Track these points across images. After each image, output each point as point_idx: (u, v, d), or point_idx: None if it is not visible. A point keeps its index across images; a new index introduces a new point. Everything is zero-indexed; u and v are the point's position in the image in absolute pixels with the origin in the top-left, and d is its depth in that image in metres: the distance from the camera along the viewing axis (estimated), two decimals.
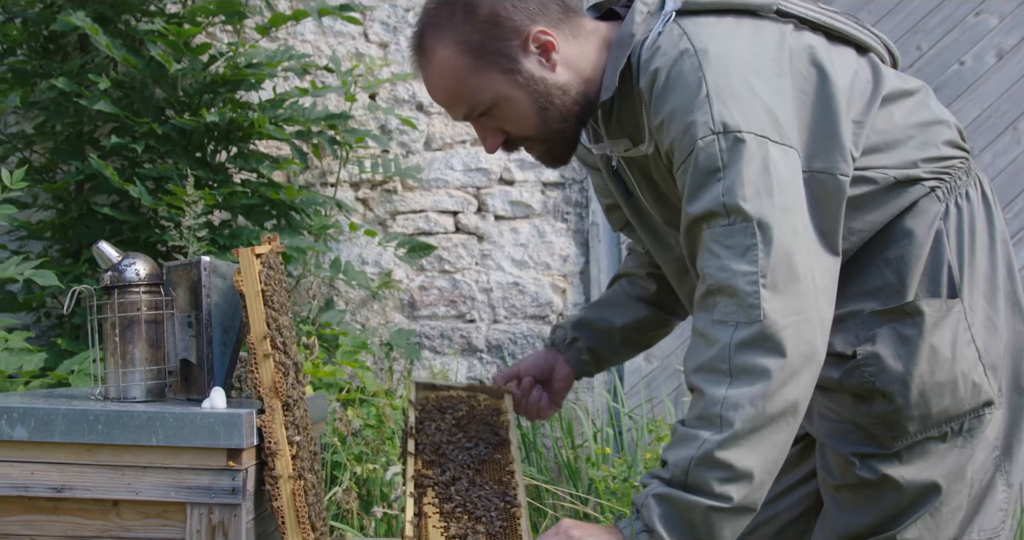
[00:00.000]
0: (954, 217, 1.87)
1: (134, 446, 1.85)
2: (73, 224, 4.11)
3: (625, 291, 2.32)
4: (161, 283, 2.09)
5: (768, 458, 1.68)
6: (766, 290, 1.67)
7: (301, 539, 1.91)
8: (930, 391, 1.81)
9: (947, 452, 1.84)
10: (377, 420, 3.70)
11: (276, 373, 1.90)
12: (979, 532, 1.87)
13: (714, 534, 1.68)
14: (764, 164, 1.70)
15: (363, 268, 4.35)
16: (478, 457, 2.09)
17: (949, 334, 1.83)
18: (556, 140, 1.93)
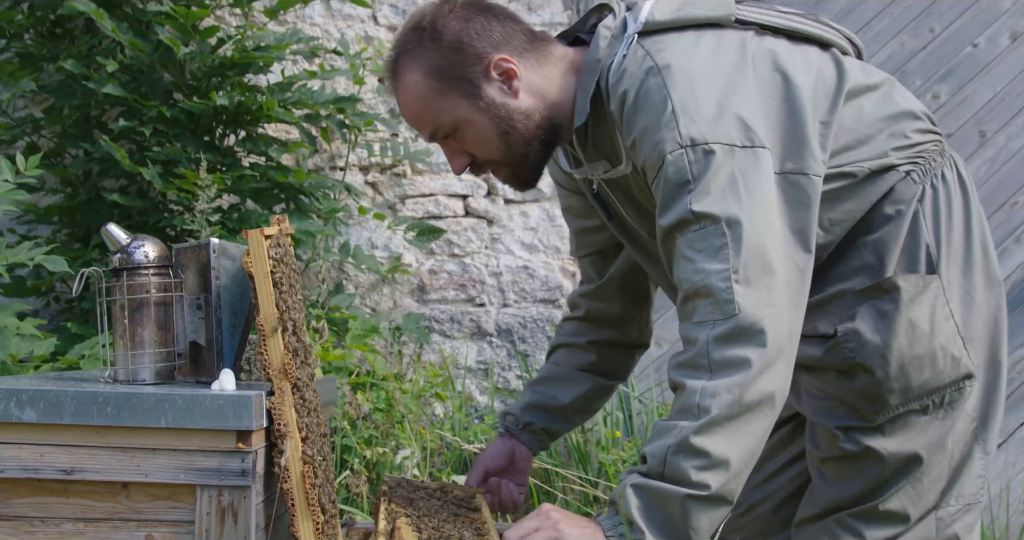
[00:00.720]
0: (930, 198, 1.92)
1: (143, 428, 1.85)
2: (81, 208, 4.10)
3: (567, 363, 2.38)
4: (170, 265, 2.09)
5: (745, 447, 1.70)
6: (739, 285, 1.70)
7: (311, 521, 1.90)
8: (909, 364, 1.86)
9: (928, 424, 1.88)
10: (387, 404, 3.69)
11: (285, 354, 1.90)
12: (957, 499, 1.91)
13: (691, 525, 1.69)
14: (731, 171, 1.75)
15: (372, 252, 4.33)
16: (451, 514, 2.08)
17: (927, 309, 1.87)
18: (520, 164, 1.99)
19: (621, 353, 2.40)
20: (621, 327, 2.37)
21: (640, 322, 2.40)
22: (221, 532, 1.84)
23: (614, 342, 2.38)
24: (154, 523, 1.88)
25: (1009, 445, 4.22)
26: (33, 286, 4.12)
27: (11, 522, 1.90)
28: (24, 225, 4.31)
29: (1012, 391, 4.24)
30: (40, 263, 3.13)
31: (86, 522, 1.89)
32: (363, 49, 4.32)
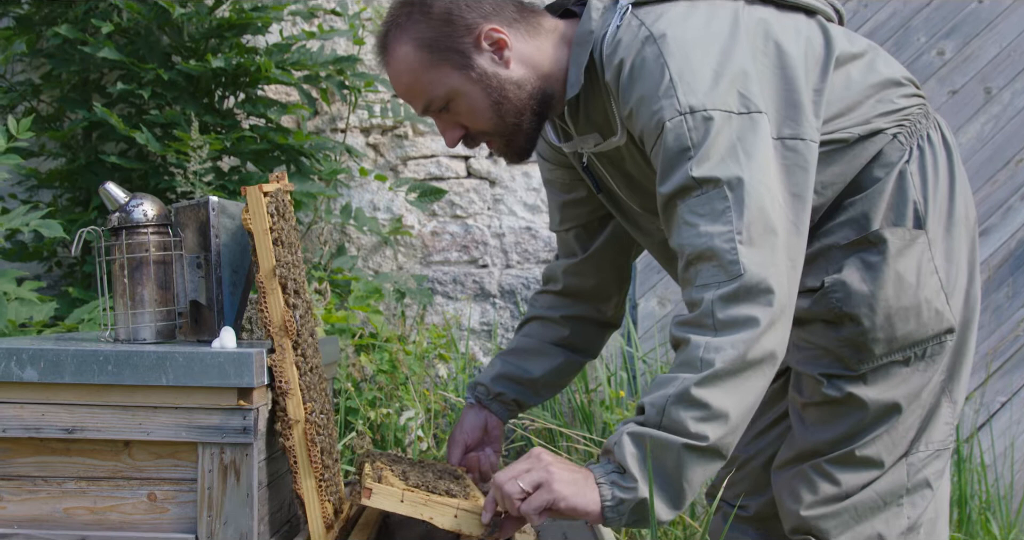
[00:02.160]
0: (917, 158, 1.95)
1: (144, 386, 1.84)
2: (81, 172, 4.08)
3: (540, 336, 2.39)
4: (169, 224, 2.07)
5: (744, 402, 1.71)
6: (743, 246, 1.71)
7: (313, 479, 1.90)
8: (895, 315, 1.89)
9: (910, 375, 1.93)
10: (390, 366, 3.69)
11: (286, 311, 1.88)
12: (927, 445, 1.96)
13: (685, 476, 1.69)
14: (730, 137, 1.76)
15: (374, 214, 4.31)
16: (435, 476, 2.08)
17: (914, 262, 1.91)
18: (513, 134, 2.00)
19: (594, 330, 2.41)
20: (597, 304, 2.38)
21: (617, 301, 2.41)
22: (223, 490, 1.84)
23: (588, 318, 2.39)
24: (156, 481, 1.88)
25: (1013, 404, 4.22)
26: (34, 251, 4.11)
27: (13, 481, 1.90)
28: (26, 191, 4.29)
29: (1018, 349, 4.23)
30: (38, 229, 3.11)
31: (88, 481, 1.89)
32: (362, 9, 4.28)
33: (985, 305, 4.16)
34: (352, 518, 2.13)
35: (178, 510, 1.87)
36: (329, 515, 1.92)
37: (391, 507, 1.81)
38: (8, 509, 1.90)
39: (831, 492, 1.94)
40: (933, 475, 1.97)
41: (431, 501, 1.82)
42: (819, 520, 1.94)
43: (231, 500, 1.84)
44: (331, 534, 1.92)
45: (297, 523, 2.15)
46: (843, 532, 1.94)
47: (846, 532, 1.94)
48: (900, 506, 1.95)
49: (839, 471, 1.94)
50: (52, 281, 4.31)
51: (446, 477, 2.10)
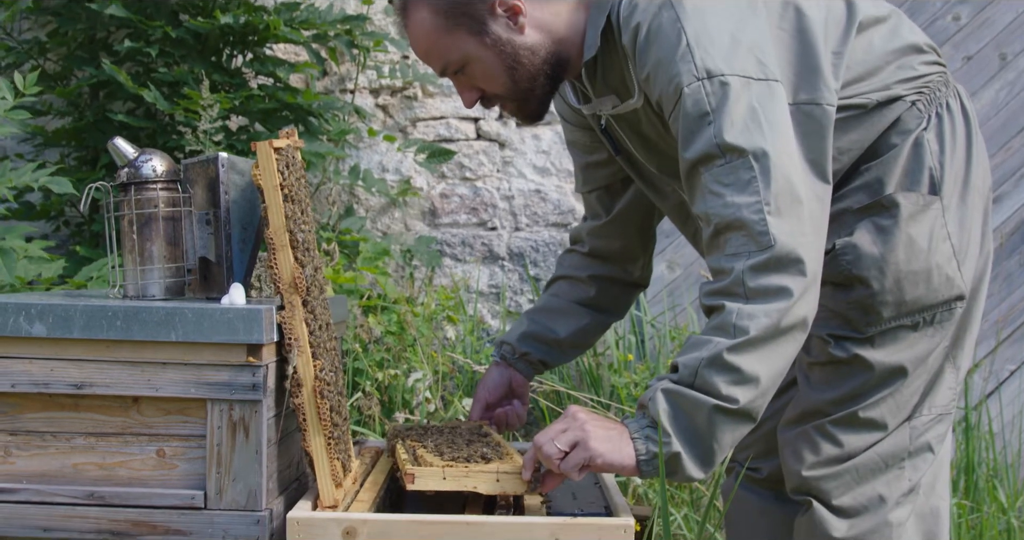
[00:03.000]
0: (935, 126, 1.95)
1: (153, 342, 1.83)
2: (89, 130, 4.06)
3: (567, 295, 2.40)
4: (178, 180, 2.05)
5: (775, 367, 1.74)
6: (772, 216, 1.72)
7: (322, 437, 1.89)
8: (905, 279, 1.90)
9: (917, 340, 1.93)
10: (398, 327, 3.68)
11: (296, 268, 1.87)
12: (930, 409, 1.98)
13: (716, 436, 1.73)
14: (750, 102, 1.77)
15: (383, 175, 4.29)
16: (465, 442, 2.11)
17: (926, 228, 1.91)
18: (525, 98, 2.02)
19: (621, 290, 2.42)
20: (624, 265, 2.39)
21: (643, 262, 2.42)
22: (232, 446, 1.83)
23: (615, 279, 2.39)
24: (165, 437, 1.87)
25: (1022, 372, 4.21)
26: (42, 209, 4.10)
27: (22, 437, 1.89)
28: (33, 149, 4.27)
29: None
30: (45, 185, 3.09)
31: (97, 437, 1.88)
32: None
33: (996, 273, 4.14)
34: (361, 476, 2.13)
35: (187, 466, 1.87)
36: (338, 473, 1.91)
37: (435, 486, 1.84)
38: (17, 464, 1.89)
39: (833, 453, 1.95)
40: (935, 439, 1.98)
41: (471, 471, 1.85)
42: (820, 480, 1.96)
43: (240, 457, 1.83)
44: (340, 491, 1.91)
45: (306, 481, 2.15)
46: (844, 493, 1.95)
47: (847, 493, 1.95)
48: (902, 469, 1.95)
49: (842, 432, 1.95)
50: (60, 240, 4.30)
51: (475, 439, 2.12)
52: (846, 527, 1.95)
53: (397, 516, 1.81)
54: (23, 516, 1.87)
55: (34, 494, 1.87)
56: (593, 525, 1.79)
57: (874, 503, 1.95)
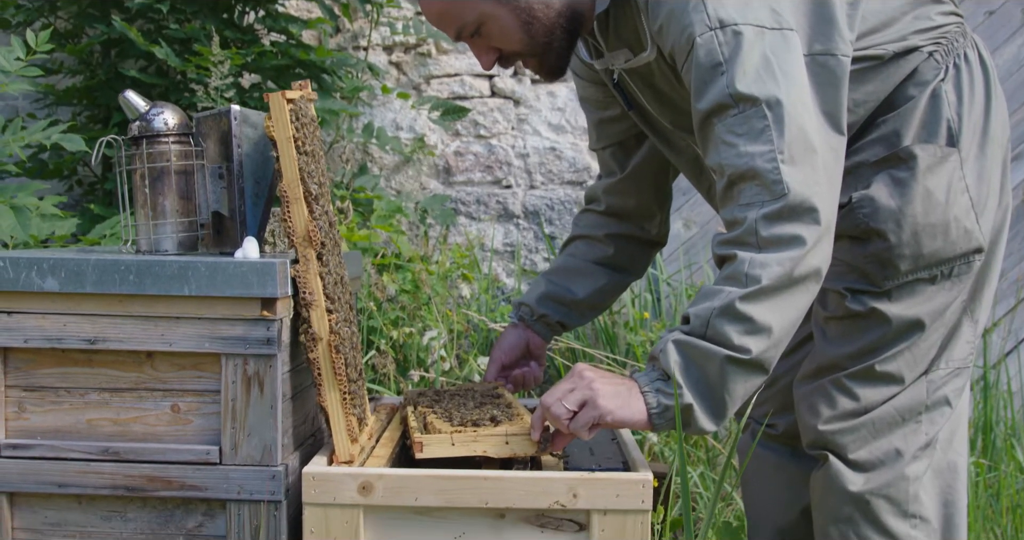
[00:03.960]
0: (953, 77, 1.92)
1: (166, 296, 1.82)
2: (100, 88, 4.04)
3: (584, 255, 2.38)
4: (191, 133, 2.03)
5: (788, 318, 1.72)
6: (785, 165, 1.70)
7: (338, 392, 1.87)
8: (922, 231, 1.87)
9: (935, 293, 1.91)
10: (413, 285, 3.66)
11: (310, 221, 1.85)
12: (947, 363, 1.96)
13: (727, 387, 1.71)
14: (764, 52, 1.74)
15: (397, 133, 4.26)
16: (477, 404, 2.11)
17: (944, 180, 1.88)
18: (544, 53, 1.98)
19: (638, 248, 2.39)
20: (640, 222, 2.36)
21: (660, 219, 2.39)
22: (247, 401, 1.82)
23: (632, 237, 2.37)
24: (179, 393, 1.86)
25: None
26: (55, 168, 4.08)
27: (36, 393, 1.88)
28: (44, 109, 4.25)
29: None
30: (58, 143, 3.07)
31: (111, 392, 1.87)
32: None
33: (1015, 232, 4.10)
34: (377, 432, 2.12)
35: (201, 422, 1.85)
36: (354, 428, 1.90)
37: (444, 453, 1.82)
38: (31, 420, 1.89)
39: (850, 407, 1.94)
40: (952, 393, 1.96)
41: (480, 435, 1.84)
42: (836, 435, 1.94)
43: (255, 412, 1.82)
44: (356, 447, 1.90)
45: (321, 437, 2.14)
46: (861, 447, 1.94)
47: (864, 447, 1.94)
48: (919, 423, 1.94)
49: (858, 386, 1.93)
50: (74, 200, 4.29)
51: (487, 401, 2.11)
52: (862, 481, 1.93)
53: (413, 471, 1.80)
54: (38, 472, 1.86)
55: (49, 450, 1.87)
56: (611, 480, 1.77)
57: (891, 457, 1.93)
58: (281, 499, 1.83)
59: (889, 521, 1.93)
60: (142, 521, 1.87)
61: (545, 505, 1.78)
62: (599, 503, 1.77)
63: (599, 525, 1.78)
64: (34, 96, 4.24)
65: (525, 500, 1.78)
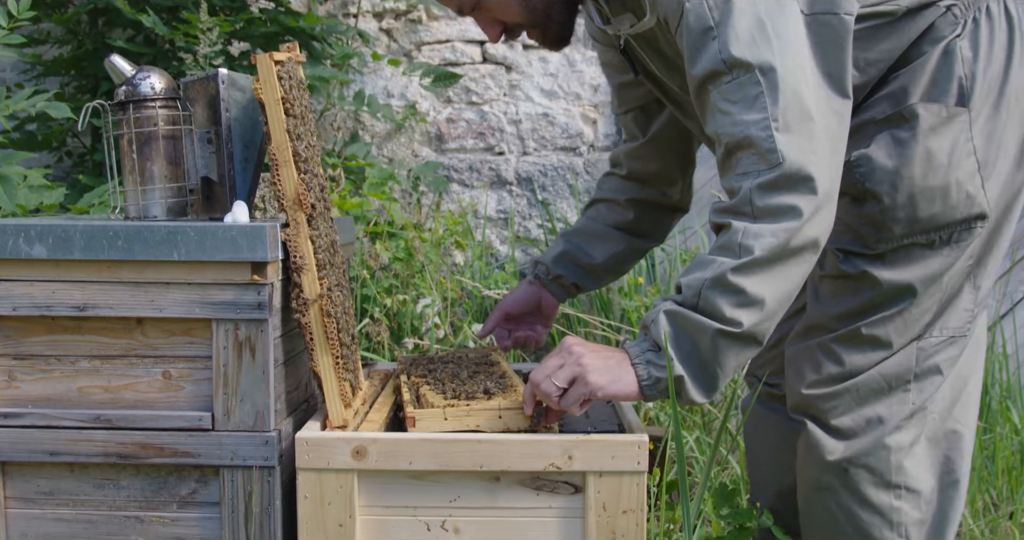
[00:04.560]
0: (970, 33, 1.85)
1: (156, 262, 1.80)
2: (88, 58, 4.00)
3: (604, 219, 2.36)
4: (178, 98, 2.00)
5: (782, 289, 1.68)
6: (780, 133, 1.65)
7: (330, 356, 1.86)
8: (919, 194, 1.83)
9: (931, 259, 1.87)
10: (406, 253, 3.64)
11: (300, 184, 1.82)
12: (941, 330, 1.91)
13: (719, 359, 1.67)
14: (756, 15, 1.69)
15: (388, 101, 4.23)
16: (471, 373, 2.10)
17: (948, 141, 1.83)
18: (545, 24, 1.98)
19: (660, 214, 2.36)
20: (663, 188, 2.34)
21: (683, 185, 2.36)
22: (239, 367, 1.81)
23: (654, 202, 2.34)
24: (170, 359, 1.84)
25: None
26: (43, 139, 4.05)
27: (26, 361, 1.87)
28: (32, 79, 4.21)
29: None
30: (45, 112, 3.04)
31: (102, 359, 1.86)
32: None
33: None
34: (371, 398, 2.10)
35: (193, 388, 1.84)
36: (347, 393, 1.89)
37: (438, 427, 1.81)
38: (22, 389, 1.87)
39: (834, 371, 1.91)
40: (945, 362, 1.92)
41: (473, 410, 1.82)
42: (819, 399, 1.91)
43: (247, 377, 1.81)
44: (350, 411, 1.89)
45: (315, 403, 2.13)
46: (843, 413, 1.91)
47: (846, 414, 1.91)
48: (907, 391, 1.90)
49: (844, 350, 1.90)
50: (63, 172, 4.26)
51: (481, 370, 2.10)
52: (841, 448, 1.90)
53: (407, 435, 1.79)
54: (29, 440, 1.85)
55: (40, 418, 1.85)
56: (607, 442, 1.76)
57: (872, 425, 1.90)
58: (275, 465, 1.82)
59: (869, 491, 1.90)
60: (135, 488, 1.87)
61: (540, 467, 1.77)
62: (594, 465, 1.76)
63: (595, 487, 1.77)
64: (21, 67, 4.20)
65: (520, 463, 1.77)
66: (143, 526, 1.87)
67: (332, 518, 1.79)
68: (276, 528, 1.83)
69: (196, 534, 1.86)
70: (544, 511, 1.80)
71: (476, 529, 1.81)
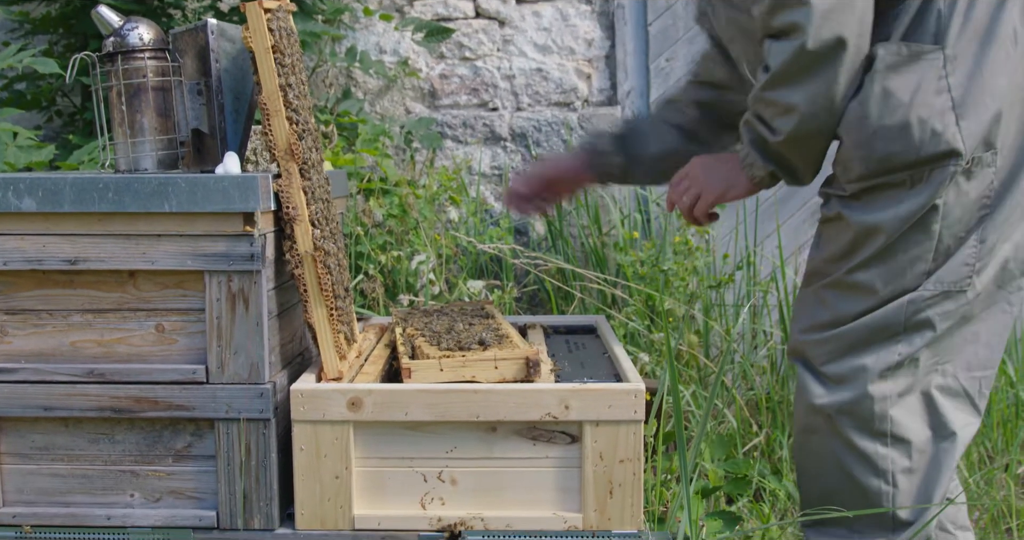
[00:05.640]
0: None
1: (146, 214, 1.78)
2: (76, 15, 3.95)
3: (665, 118, 2.35)
4: (167, 49, 1.98)
5: (815, 91, 1.79)
6: None
7: (324, 308, 1.85)
8: (876, 133, 1.82)
9: (901, 200, 1.84)
10: (400, 210, 3.62)
11: (291, 134, 1.80)
12: (936, 284, 1.87)
13: (788, 158, 1.88)
14: None
15: (380, 57, 4.18)
16: (466, 324, 2.10)
17: (912, 80, 1.80)
18: None
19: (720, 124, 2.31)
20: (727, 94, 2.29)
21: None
22: (232, 319, 1.79)
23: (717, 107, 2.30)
24: (163, 312, 1.83)
25: None
26: (32, 99, 4.01)
27: (18, 316, 1.86)
28: (20, 38, 4.16)
29: None
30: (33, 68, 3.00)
31: (94, 313, 1.84)
32: None
33: None
34: (366, 351, 2.09)
35: (187, 341, 1.83)
36: (342, 345, 1.88)
37: (434, 378, 1.81)
38: (14, 344, 1.86)
39: (824, 318, 1.90)
40: (939, 317, 1.87)
41: (468, 360, 1.82)
42: (810, 345, 1.92)
43: (240, 329, 1.79)
44: (344, 363, 1.88)
45: (309, 357, 2.12)
46: (830, 360, 1.90)
47: (833, 361, 1.90)
48: (896, 342, 1.88)
49: (834, 297, 1.90)
50: (53, 132, 4.22)
51: (476, 322, 2.10)
52: (827, 394, 1.90)
53: (403, 386, 1.78)
54: (23, 395, 1.84)
55: (33, 373, 1.84)
56: (603, 390, 1.76)
57: (857, 374, 1.89)
58: (270, 417, 1.81)
59: (854, 437, 1.89)
60: (130, 443, 1.86)
61: (536, 417, 1.76)
62: (591, 414, 1.76)
63: (591, 436, 1.77)
64: (8, 26, 4.15)
65: (516, 413, 1.76)
66: (139, 480, 1.87)
67: (328, 470, 1.79)
68: (272, 480, 1.83)
69: (192, 487, 1.86)
70: (541, 461, 1.79)
71: (473, 479, 1.80)
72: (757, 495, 2.67)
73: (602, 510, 1.79)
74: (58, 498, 1.87)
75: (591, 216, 3.89)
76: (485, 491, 1.80)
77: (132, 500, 1.87)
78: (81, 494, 1.87)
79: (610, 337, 2.21)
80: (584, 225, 3.93)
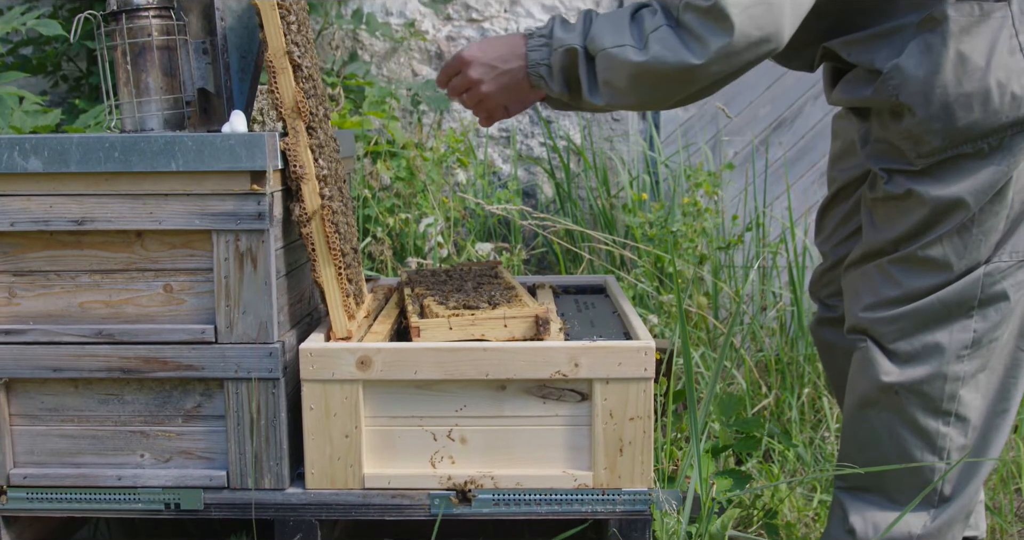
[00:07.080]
0: None
1: (153, 173, 1.77)
2: None
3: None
4: (172, 7, 1.96)
5: (651, 97, 1.73)
6: None
7: (332, 267, 1.84)
8: (955, 102, 1.71)
9: (980, 168, 1.75)
10: (408, 173, 3.60)
11: (298, 92, 1.79)
12: (1011, 254, 1.80)
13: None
14: None
15: (387, 19, 4.16)
16: (475, 285, 2.10)
17: (985, 41, 1.71)
18: None
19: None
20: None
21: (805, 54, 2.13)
22: (240, 278, 1.79)
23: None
24: (171, 272, 1.82)
25: None
26: (38, 63, 3.99)
27: (26, 277, 1.85)
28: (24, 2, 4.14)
29: None
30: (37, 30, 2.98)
31: (102, 274, 1.84)
32: None
33: None
34: (375, 311, 2.09)
35: (195, 301, 1.82)
36: (351, 304, 1.87)
37: (443, 337, 1.80)
38: (23, 305, 1.85)
39: (892, 295, 1.82)
40: (1013, 287, 1.81)
41: (477, 319, 1.81)
42: (876, 323, 1.83)
43: (248, 289, 1.79)
44: (353, 322, 1.87)
45: (318, 317, 2.11)
46: (900, 338, 1.82)
47: (904, 338, 1.82)
48: (969, 318, 1.81)
49: (902, 273, 1.81)
50: (59, 98, 4.21)
51: (485, 282, 2.09)
52: (897, 372, 1.83)
53: (412, 344, 1.77)
54: (32, 357, 1.84)
55: (42, 334, 1.84)
56: (613, 348, 1.75)
57: (931, 352, 1.82)
58: (279, 376, 1.80)
59: (918, 415, 1.83)
60: (139, 403, 1.86)
61: (546, 375, 1.76)
62: (601, 372, 1.75)
63: (601, 394, 1.76)
64: None
65: (526, 371, 1.76)
66: (149, 441, 1.87)
67: (338, 429, 1.79)
68: (282, 440, 1.83)
69: (202, 447, 1.86)
70: (551, 419, 1.79)
71: (483, 438, 1.80)
72: (767, 456, 2.67)
73: (612, 468, 1.79)
74: (68, 459, 1.87)
75: (599, 178, 3.88)
76: (495, 449, 1.80)
77: (142, 460, 1.87)
78: (91, 455, 1.87)
79: (619, 296, 2.21)
80: (592, 187, 3.91)
